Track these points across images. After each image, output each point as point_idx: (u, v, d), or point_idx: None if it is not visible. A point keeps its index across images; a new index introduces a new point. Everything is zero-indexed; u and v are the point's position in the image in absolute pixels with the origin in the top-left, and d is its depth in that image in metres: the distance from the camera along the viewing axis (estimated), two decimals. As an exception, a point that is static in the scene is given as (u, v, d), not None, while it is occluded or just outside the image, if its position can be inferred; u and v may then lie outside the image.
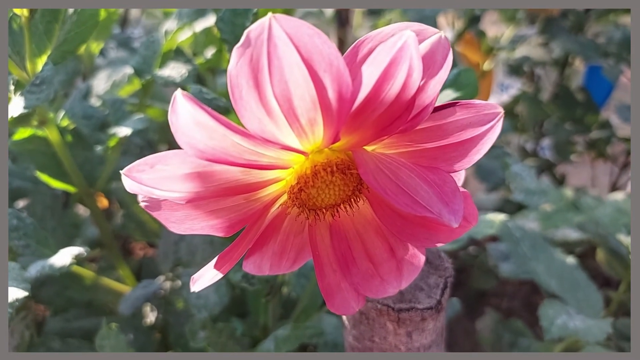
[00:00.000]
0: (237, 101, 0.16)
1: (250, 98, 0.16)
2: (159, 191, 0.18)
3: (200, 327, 0.45)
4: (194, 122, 0.15)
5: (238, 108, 0.16)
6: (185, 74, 0.38)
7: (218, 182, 0.18)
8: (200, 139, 0.16)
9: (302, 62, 0.15)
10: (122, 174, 0.17)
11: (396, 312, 0.28)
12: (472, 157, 0.19)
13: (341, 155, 0.20)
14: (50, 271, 0.38)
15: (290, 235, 0.23)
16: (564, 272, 0.56)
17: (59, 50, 0.35)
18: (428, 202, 0.18)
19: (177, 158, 0.17)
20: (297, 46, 0.15)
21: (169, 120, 0.16)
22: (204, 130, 0.16)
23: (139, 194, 0.18)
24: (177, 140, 0.16)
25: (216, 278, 0.21)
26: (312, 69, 0.15)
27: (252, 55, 0.15)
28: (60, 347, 0.51)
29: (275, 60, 0.15)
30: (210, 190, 0.18)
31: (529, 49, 1.01)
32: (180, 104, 0.15)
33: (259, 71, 0.15)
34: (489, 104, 0.18)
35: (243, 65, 0.15)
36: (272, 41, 0.15)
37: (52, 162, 0.44)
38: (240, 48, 0.15)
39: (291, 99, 0.16)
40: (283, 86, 0.15)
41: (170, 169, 0.17)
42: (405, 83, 0.16)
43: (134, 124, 0.39)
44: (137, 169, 0.17)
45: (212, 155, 0.16)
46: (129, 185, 0.18)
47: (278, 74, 0.15)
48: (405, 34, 0.15)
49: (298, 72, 0.15)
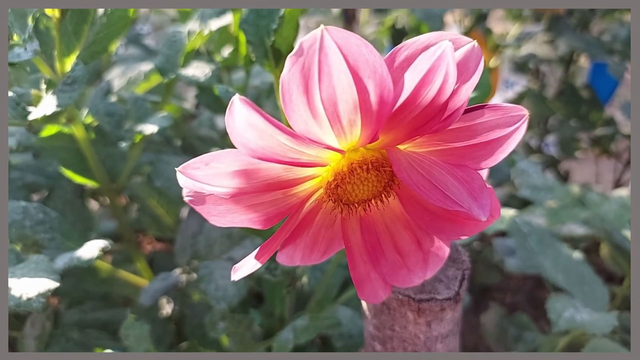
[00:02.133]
0: (287, 104, 0.17)
1: (299, 102, 0.17)
2: (210, 187, 0.19)
3: (220, 318, 0.46)
4: (248, 123, 0.17)
5: (287, 111, 0.17)
6: (209, 73, 0.39)
7: (262, 178, 0.20)
8: (251, 138, 0.17)
9: (348, 69, 0.16)
10: (178, 170, 0.19)
11: (417, 302, 0.29)
12: (498, 156, 0.20)
13: (375, 153, 0.21)
14: (78, 263, 0.39)
15: (322, 228, 0.24)
16: (570, 266, 0.58)
17: (88, 51, 0.37)
18: (459, 198, 0.19)
19: (230, 156, 0.18)
20: (346, 55, 0.16)
21: (226, 122, 0.17)
22: (256, 131, 0.17)
23: (191, 189, 0.20)
24: (232, 140, 0.17)
25: (255, 267, 0.22)
26: (357, 75, 0.17)
27: (304, 63, 0.16)
28: (79, 337, 0.52)
29: (325, 68, 0.16)
30: (254, 185, 0.20)
31: (534, 46, 1.02)
32: (237, 108, 0.17)
33: (310, 78, 0.16)
34: (515, 107, 0.20)
35: (295, 72, 0.16)
36: (323, 51, 0.16)
37: (76, 158, 0.45)
38: (293, 57, 0.16)
39: (336, 102, 0.17)
40: (330, 91, 0.17)
41: (223, 166, 0.18)
42: (441, 88, 0.17)
43: (159, 121, 0.41)
44: (193, 167, 0.18)
45: (262, 153, 0.18)
46: (183, 181, 0.19)
47: (327, 81, 0.17)
48: (444, 44, 0.16)
49: (345, 78, 0.17)
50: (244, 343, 0.46)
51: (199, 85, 0.40)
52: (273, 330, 0.50)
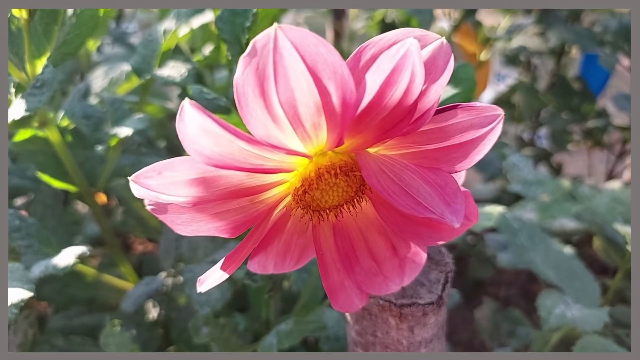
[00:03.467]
0: (244, 108, 0.16)
1: (256, 106, 0.16)
2: (166, 196, 0.18)
3: (203, 323, 0.45)
4: (201, 129, 0.16)
5: (244, 115, 0.16)
6: (185, 73, 0.38)
7: (223, 186, 0.19)
8: (207, 145, 0.16)
9: (307, 70, 0.15)
10: (130, 180, 0.18)
11: (398, 307, 0.28)
12: (473, 158, 0.19)
13: (344, 157, 0.20)
14: (54, 271, 0.38)
15: (294, 235, 0.23)
16: (561, 262, 0.57)
17: (58, 52, 0.35)
18: (430, 203, 0.18)
19: (185, 164, 0.17)
20: (303, 55, 0.15)
21: (177, 128, 0.16)
22: (211, 137, 0.16)
23: (146, 198, 0.19)
24: (185, 147, 0.16)
25: (222, 279, 0.21)
26: (317, 76, 0.15)
27: (258, 64, 0.15)
28: (64, 344, 0.51)
29: (281, 69, 0.15)
30: (215, 194, 0.19)
31: (525, 38, 1.01)
32: (188, 113, 0.15)
33: (265, 80, 0.15)
34: (489, 107, 0.19)
35: (249, 74, 0.15)
36: (277, 51, 0.15)
37: (52, 162, 0.44)
38: (246, 57, 0.15)
39: (296, 105, 0.16)
40: (289, 94, 0.16)
41: (178, 175, 0.17)
42: (407, 89, 0.16)
43: (135, 123, 0.39)
44: (145, 176, 0.17)
45: (219, 160, 0.17)
46: (137, 191, 0.18)
47: (284, 83, 0.15)
48: (408, 41, 0.15)
49: (303, 80, 0.15)
50: (228, 348, 0.45)
51: (177, 86, 0.39)
52: (260, 334, 0.50)
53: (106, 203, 0.75)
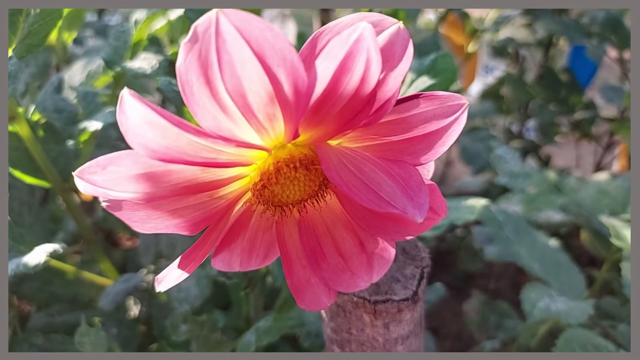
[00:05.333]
0: (189, 98, 0.15)
1: (202, 94, 0.15)
2: (114, 192, 0.17)
3: (182, 321, 0.44)
4: (145, 121, 0.15)
5: (190, 105, 0.15)
6: (156, 65, 0.37)
7: (175, 181, 0.18)
8: (152, 138, 0.15)
9: (254, 56, 0.14)
10: (75, 175, 0.17)
11: (372, 304, 0.27)
12: (437, 150, 0.19)
13: (305, 150, 0.19)
14: (24, 269, 0.37)
15: (259, 231, 0.22)
16: (546, 255, 0.57)
17: (23, 44, 0.34)
18: (392, 197, 0.17)
19: (129, 159, 0.16)
20: (248, 40, 0.14)
21: (118, 120, 0.15)
22: (156, 129, 0.15)
23: (94, 195, 0.18)
24: (128, 141, 0.15)
25: (182, 277, 0.20)
26: (265, 63, 0.15)
27: (200, 50, 0.14)
28: (43, 342, 0.50)
29: (225, 56, 0.14)
30: (167, 189, 0.18)
31: (512, 30, 1.00)
32: (128, 104, 0.15)
33: (209, 67, 0.14)
34: (453, 95, 0.18)
35: (192, 61, 0.14)
36: (220, 36, 0.14)
37: (24, 157, 0.43)
38: (187, 43, 0.14)
39: (245, 94, 0.15)
40: (235, 82, 0.15)
41: (123, 170, 0.16)
42: (363, 76, 0.15)
43: (106, 117, 0.38)
44: (89, 171, 0.16)
45: (166, 154, 0.16)
46: (83, 187, 0.17)
47: (229, 70, 0.14)
48: (361, 25, 0.14)
49: (250, 67, 0.15)
50: (208, 345, 0.44)
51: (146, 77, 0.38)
52: (242, 331, 0.49)
53: (90, 199, 0.74)
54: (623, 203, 0.61)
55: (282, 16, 1.03)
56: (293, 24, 0.98)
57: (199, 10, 0.33)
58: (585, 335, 0.46)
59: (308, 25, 1.03)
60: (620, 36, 0.81)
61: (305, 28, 0.97)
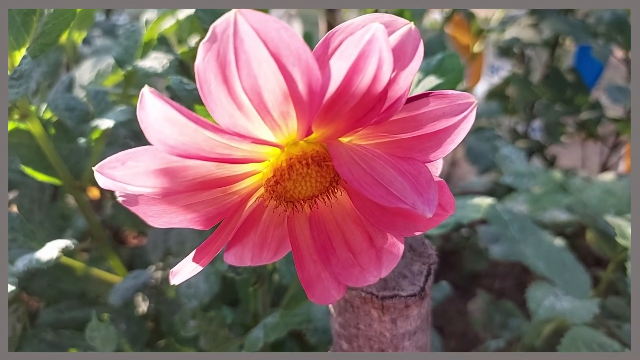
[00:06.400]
0: (207, 96, 0.16)
1: (219, 93, 0.15)
2: (132, 187, 0.18)
3: (191, 317, 0.45)
4: (164, 118, 0.15)
5: (208, 103, 0.16)
6: (167, 64, 0.37)
7: (192, 176, 0.18)
8: (170, 134, 0.16)
9: (270, 56, 0.15)
10: (95, 170, 0.17)
11: (380, 299, 0.28)
12: (446, 147, 0.19)
13: (317, 147, 0.20)
14: (37, 265, 0.38)
15: (271, 226, 0.23)
16: (552, 254, 0.57)
17: (37, 43, 0.35)
18: (402, 193, 0.18)
19: (148, 154, 0.17)
20: (265, 40, 0.15)
21: (138, 117, 0.16)
22: (175, 126, 0.16)
23: (112, 190, 0.18)
24: (147, 137, 0.16)
25: (196, 271, 0.21)
26: (281, 62, 0.15)
27: (218, 50, 0.15)
28: (53, 338, 0.51)
29: (243, 55, 0.15)
30: (184, 184, 0.18)
31: (518, 30, 1.00)
32: (148, 101, 0.15)
33: (227, 66, 0.15)
34: (462, 94, 0.18)
35: (210, 60, 0.15)
36: (238, 36, 0.14)
37: (36, 155, 0.44)
38: (206, 43, 0.15)
39: (261, 93, 0.16)
40: (252, 81, 0.15)
41: (142, 165, 0.17)
42: (375, 75, 0.16)
43: (117, 115, 0.39)
44: (109, 166, 0.17)
45: (184, 150, 0.16)
46: (103, 181, 0.17)
47: (246, 69, 0.15)
48: (374, 26, 0.15)
49: (267, 66, 0.15)
50: (216, 341, 0.45)
51: (157, 75, 0.38)
52: (250, 327, 0.49)
53: (99, 197, 0.75)
54: (629, 203, 0.61)
55: (288, 16, 1.04)
56: (299, 24, 0.99)
57: (210, 10, 0.33)
58: (590, 334, 0.46)
59: (314, 24, 1.04)
60: (627, 36, 0.81)
61: (311, 28, 0.97)
